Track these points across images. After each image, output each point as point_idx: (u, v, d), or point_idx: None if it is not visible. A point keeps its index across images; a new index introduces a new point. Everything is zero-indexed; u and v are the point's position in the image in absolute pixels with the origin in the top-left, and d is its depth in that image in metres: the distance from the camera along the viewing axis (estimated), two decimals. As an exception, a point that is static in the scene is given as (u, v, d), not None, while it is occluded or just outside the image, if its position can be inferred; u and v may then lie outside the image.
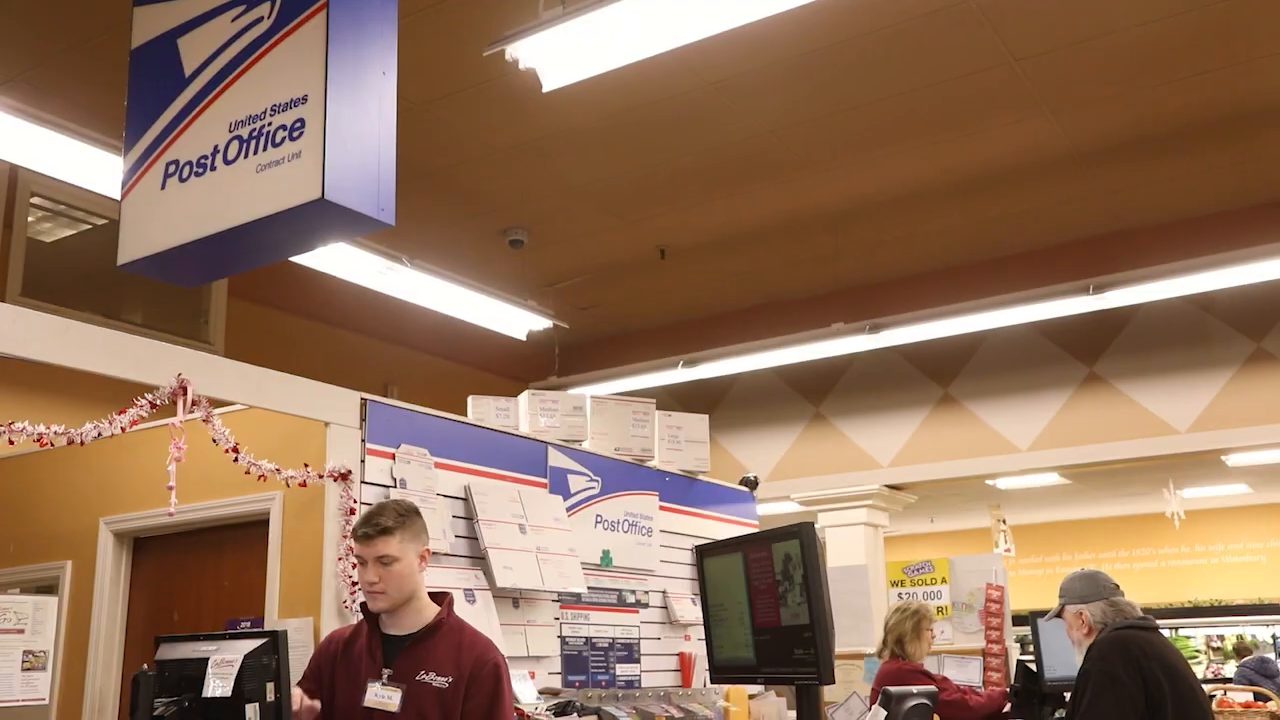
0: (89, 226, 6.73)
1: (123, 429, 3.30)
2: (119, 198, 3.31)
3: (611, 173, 6.87)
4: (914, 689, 3.37)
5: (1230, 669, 13.93)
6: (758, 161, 6.75)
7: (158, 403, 3.39)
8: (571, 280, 8.51)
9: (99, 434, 3.26)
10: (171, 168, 3.14)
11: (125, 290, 6.84)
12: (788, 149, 6.60)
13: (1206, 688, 4.15)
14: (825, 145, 6.60)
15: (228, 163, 3.01)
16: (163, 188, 3.15)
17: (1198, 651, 14.56)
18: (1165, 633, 3.60)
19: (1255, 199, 7.45)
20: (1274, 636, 14.16)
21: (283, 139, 2.90)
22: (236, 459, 3.61)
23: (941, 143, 6.61)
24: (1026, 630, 5.90)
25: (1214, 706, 6.14)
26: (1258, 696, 6.44)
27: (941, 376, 8.82)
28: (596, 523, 5.10)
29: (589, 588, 4.83)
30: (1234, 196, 7.45)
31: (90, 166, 4.77)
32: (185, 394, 3.44)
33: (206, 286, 7.12)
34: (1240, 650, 12.05)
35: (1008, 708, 4.43)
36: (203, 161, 3.07)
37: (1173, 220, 7.76)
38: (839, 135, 6.48)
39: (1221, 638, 14.64)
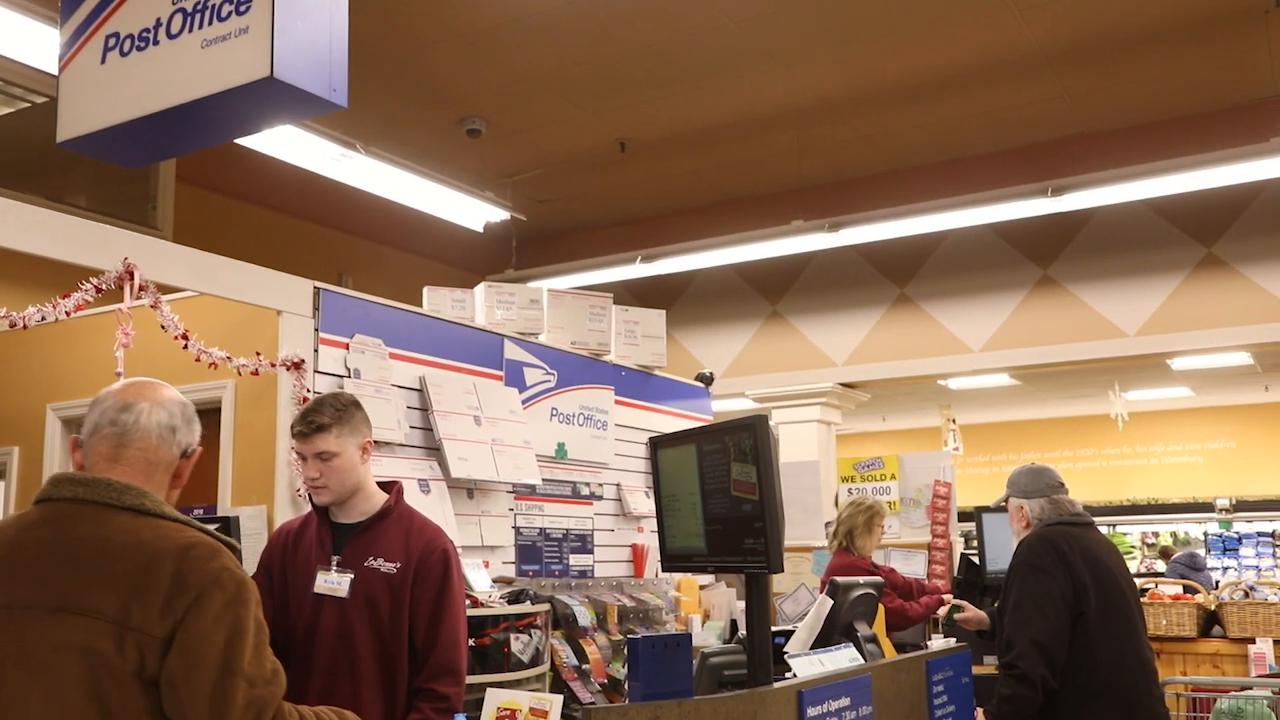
0: (28, 105, 6.48)
1: (67, 313, 3.23)
2: (56, 73, 3.18)
3: (572, 61, 6.71)
4: (860, 579, 3.45)
5: (1163, 565, 14.49)
6: (722, 53, 6.62)
7: (103, 287, 3.32)
8: (530, 172, 8.38)
9: (43, 318, 3.19)
10: (111, 41, 3.01)
11: (68, 173, 6.62)
12: (753, 41, 6.47)
13: (1139, 581, 4.29)
14: (790, 39, 6.48)
15: (171, 37, 2.89)
16: (102, 62, 3.02)
17: (1133, 548, 15.10)
18: (1104, 530, 3.69)
19: (1215, 104, 7.46)
20: (1205, 534, 14.69)
21: (229, 13, 2.79)
22: (186, 346, 3.57)
23: (907, 41, 6.52)
24: (971, 526, 6.07)
25: (1145, 599, 6.38)
26: (1187, 589, 6.69)
27: (898, 276, 8.86)
28: (552, 416, 5.12)
29: (544, 480, 4.87)
30: (1194, 101, 7.46)
31: (26, 39, 4.57)
32: (132, 279, 3.37)
33: (153, 171, 6.91)
34: (1165, 552, 12.54)
35: (943, 610, 4.56)
36: (144, 35, 2.95)
37: (1133, 125, 7.77)
38: (805, 29, 6.36)
39: (1156, 534, 15.17)
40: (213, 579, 1.80)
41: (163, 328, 3.50)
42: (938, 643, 4.88)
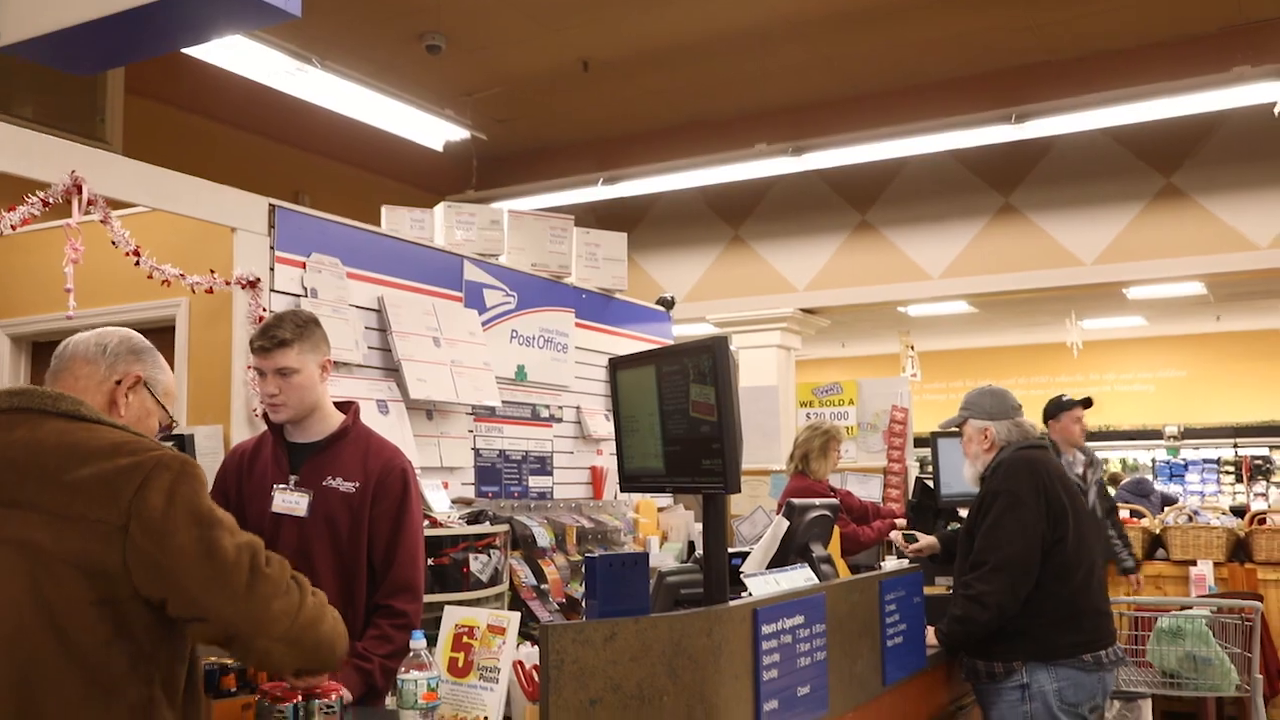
0: (-32, 10, 6.23)
1: (13, 227, 3.15)
2: (-4, -25, 3.05)
3: (534, -24, 6.56)
4: (816, 500, 3.49)
5: (1112, 492, 14.83)
6: (687, -29, 6.50)
7: (50, 201, 3.23)
8: (491, 90, 8.23)
9: (-13, 231, 3.11)
10: (53, -58, 2.88)
11: (13, 83, 6.41)
12: (718, -42, 6.35)
13: (1088, 506, 4.39)
14: (757, -44, 6.37)
15: (115, -61, 2.77)
16: (44, -36, 2.90)
17: (1082, 474, 15.40)
18: (1055, 457, 3.73)
19: (1178, 33, 7.44)
20: (1153, 460, 15.04)
21: (176, -85, 2.67)
22: (138, 263, 3.50)
23: (876, -41, 6.43)
24: (927, 451, 6.16)
25: (1093, 523, 6.52)
26: (1134, 514, 6.86)
27: (860, 202, 8.85)
28: (512, 338, 5.10)
29: (503, 402, 4.86)
30: (1158, 30, 7.43)
31: (-36, -59, 4.38)
32: (80, 193, 3.29)
33: (101, 81, 6.70)
34: (1114, 479, 12.84)
35: (896, 535, 4.62)
36: (88, -63, 2.82)
37: (1096, 52, 7.74)
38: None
39: (1106, 461, 15.49)
40: (156, 461, 1.82)
41: (113, 244, 3.43)
42: (891, 564, 4.98)
